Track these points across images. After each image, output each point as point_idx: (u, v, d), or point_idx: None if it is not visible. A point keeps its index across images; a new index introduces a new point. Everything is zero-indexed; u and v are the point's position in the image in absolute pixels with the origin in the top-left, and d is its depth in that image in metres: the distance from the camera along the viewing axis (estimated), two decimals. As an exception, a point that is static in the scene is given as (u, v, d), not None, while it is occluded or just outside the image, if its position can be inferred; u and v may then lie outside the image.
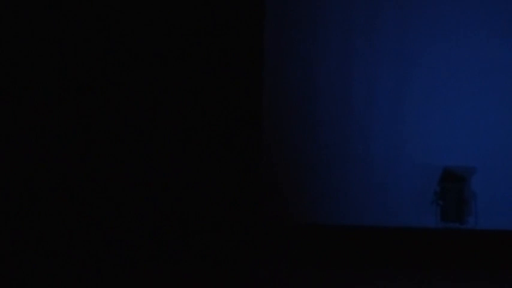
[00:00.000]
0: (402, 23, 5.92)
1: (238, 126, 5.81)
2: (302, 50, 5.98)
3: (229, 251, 5.73)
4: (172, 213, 5.65)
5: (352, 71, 5.94)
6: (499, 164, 5.80)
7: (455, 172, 5.81)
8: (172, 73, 5.65)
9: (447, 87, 5.87)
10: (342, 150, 5.94)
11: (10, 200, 5.24)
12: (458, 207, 5.77)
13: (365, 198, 5.91)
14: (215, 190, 5.75)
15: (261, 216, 5.91)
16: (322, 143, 5.95)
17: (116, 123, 5.51)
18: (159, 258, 5.55)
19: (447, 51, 5.86)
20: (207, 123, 5.75)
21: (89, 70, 5.43)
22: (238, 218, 5.80)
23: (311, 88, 5.97)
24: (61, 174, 5.36)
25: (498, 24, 5.83)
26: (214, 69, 5.74)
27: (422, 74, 5.88)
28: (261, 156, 5.91)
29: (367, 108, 5.93)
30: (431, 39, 5.88)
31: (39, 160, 5.31)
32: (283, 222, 5.94)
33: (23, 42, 5.27)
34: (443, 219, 5.80)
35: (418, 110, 5.88)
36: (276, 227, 5.93)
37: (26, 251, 5.21)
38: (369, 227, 5.85)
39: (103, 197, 5.46)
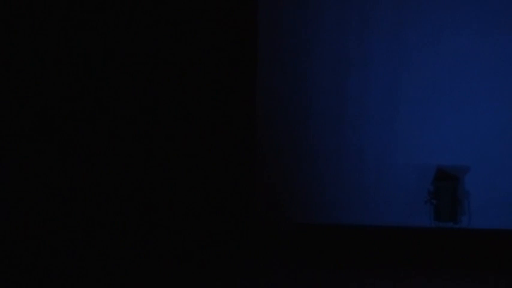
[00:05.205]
0: (396, 24, 5.94)
1: (232, 128, 5.84)
2: (296, 51, 6.01)
3: (223, 251, 5.75)
4: (168, 213, 5.67)
5: (346, 71, 5.97)
6: (492, 163, 5.81)
7: (448, 171, 5.82)
8: (167, 74, 5.68)
9: (440, 88, 5.88)
10: (335, 150, 5.97)
11: (10, 200, 5.26)
12: (452, 206, 5.78)
13: (359, 197, 5.94)
14: (209, 191, 5.77)
15: (255, 216, 5.94)
16: (316, 144, 5.98)
17: (109, 124, 5.53)
18: (155, 258, 5.57)
19: (441, 52, 5.88)
20: (201, 124, 5.77)
21: (84, 72, 5.45)
22: (232, 218, 5.83)
23: (305, 89, 6.00)
24: (60, 174, 5.38)
25: (491, 27, 5.85)
26: (209, 71, 5.77)
27: (416, 75, 5.90)
28: (255, 157, 5.94)
29: (360, 109, 5.95)
30: (425, 40, 5.90)
31: (39, 160, 5.33)
32: (277, 222, 5.97)
33: (23, 42, 5.29)
34: (437, 218, 5.82)
35: (411, 110, 5.90)
36: (270, 227, 5.95)
37: (25, 251, 5.22)
38: (363, 227, 5.87)
39: (99, 198, 5.48)
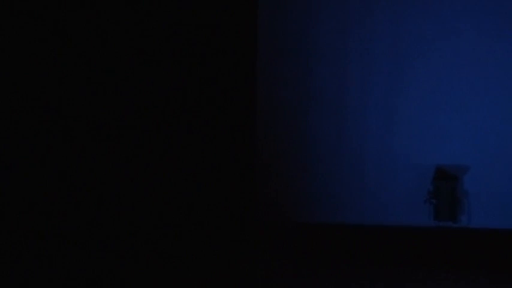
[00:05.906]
0: (396, 24, 5.95)
1: (232, 127, 5.84)
2: (296, 51, 6.01)
3: (224, 251, 5.73)
4: (168, 214, 5.66)
5: (346, 70, 5.97)
6: (492, 162, 5.80)
7: (448, 171, 5.81)
8: (166, 74, 5.68)
9: (440, 87, 5.88)
10: (335, 149, 5.96)
11: (10, 200, 5.26)
12: (451, 205, 5.77)
13: (359, 197, 5.92)
14: (209, 190, 5.76)
15: (256, 215, 5.93)
16: (315, 143, 5.97)
17: (108, 124, 5.54)
18: (154, 258, 5.55)
19: (440, 51, 5.88)
20: (201, 122, 5.77)
21: (82, 72, 5.46)
22: (233, 218, 5.81)
23: (305, 88, 6.00)
24: (60, 175, 5.38)
25: (490, 25, 5.85)
26: (208, 70, 5.78)
27: (416, 74, 5.90)
28: (255, 155, 5.93)
29: (360, 108, 5.95)
30: (425, 39, 5.90)
31: (40, 160, 5.34)
32: (277, 222, 5.95)
33: (23, 42, 5.31)
34: (436, 218, 5.80)
35: (411, 110, 5.90)
36: (270, 227, 5.94)
37: (25, 251, 5.22)
38: (363, 226, 5.86)
39: (99, 198, 5.48)
